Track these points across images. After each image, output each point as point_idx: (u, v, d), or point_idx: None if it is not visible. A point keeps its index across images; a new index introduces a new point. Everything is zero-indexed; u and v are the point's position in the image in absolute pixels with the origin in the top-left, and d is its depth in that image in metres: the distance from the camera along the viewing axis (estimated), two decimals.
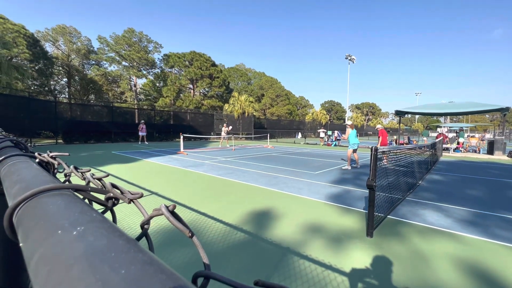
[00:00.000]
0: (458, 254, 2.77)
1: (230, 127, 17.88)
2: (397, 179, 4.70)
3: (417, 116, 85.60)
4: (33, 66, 26.11)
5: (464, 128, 24.77)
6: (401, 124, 20.60)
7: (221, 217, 3.68)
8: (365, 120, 70.52)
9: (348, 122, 9.11)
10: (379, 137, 9.64)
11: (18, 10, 55.11)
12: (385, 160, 4.37)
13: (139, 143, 18.70)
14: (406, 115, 17.16)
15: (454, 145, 16.19)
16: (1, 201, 0.66)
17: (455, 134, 19.85)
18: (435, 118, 79.11)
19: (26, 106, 15.47)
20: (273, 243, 2.94)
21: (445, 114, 18.06)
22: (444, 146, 15.79)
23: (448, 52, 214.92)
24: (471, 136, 21.74)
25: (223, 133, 17.54)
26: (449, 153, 15.21)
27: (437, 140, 12.67)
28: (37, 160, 0.64)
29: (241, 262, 2.52)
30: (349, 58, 42.32)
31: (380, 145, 9.57)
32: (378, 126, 10.13)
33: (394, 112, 17.40)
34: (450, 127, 32.23)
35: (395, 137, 22.79)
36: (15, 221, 0.28)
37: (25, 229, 0.25)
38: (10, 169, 0.50)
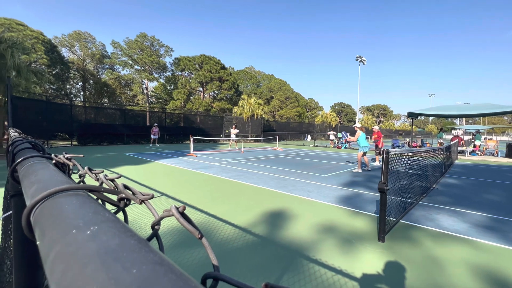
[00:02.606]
0: (474, 261, 2.67)
1: (237, 130, 17.95)
2: (410, 183, 4.58)
3: (430, 118, 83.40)
4: (51, 71, 27.11)
5: (481, 131, 23.92)
6: (414, 126, 20.10)
7: (230, 219, 3.69)
8: (376, 123, 69.19)
9: (358, 125, 8.97)
10: (378, 138, 9.58)
11: (36, 17, 57.58)
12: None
13: (150, 145, 19.02)
14: (419, 117, 16.74)
15: (470, 148, 15.65)
16: (20, 201, 0.69)
17: (471, 137, 19.20)
18: (449, 120, 76.85)
19: (43, 109, 16.06)
20: (283, 246, 2.92)
21: (461, 116, 17.50)
22: (460, 149, 15.29)
23: (463, 52, 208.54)
24: (488, 139, 20.96)
25: (232, 135, 17.61)
26: (464, 156, 14.71)
27: (452, 142, 12.28)
28: (53, 161, 0.66)
29: (250, 264, 2.51)
30: (359, 59, 41.77)
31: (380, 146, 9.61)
32: (375, 127, 10.09)
33: (406, 114, 17.01)
34: (465, 129, 31.21)
35: (407, 139, 22.24)
36: (32, 220, 0.30)
37: (42, 227, 0.26)
38: (28, 170, 0.52)
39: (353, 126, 9.40)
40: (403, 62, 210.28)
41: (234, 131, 17.61)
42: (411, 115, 16.25)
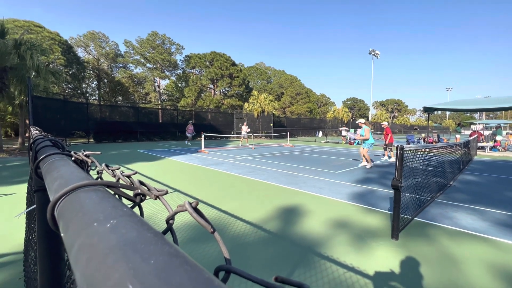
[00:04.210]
0: (494, 260, 2.58)
1: (248, 129, 17.92)
2: (425, 179, 4.46)
3: (448, 113, 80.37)
4: (67, 71, 28.04)
5: (502, 125, 22.83)
6: (430, 121, 19.44)
7: (242, 215, 3.72)
8: (390, 118, 67.38)
9: (362, 120, 8.67)
10: (387, 134, 9.74)
11: (53, 18, 59.57)
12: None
13: (186, 142, 18.74)
14: (435, 112, 16.14)
15: (491, 144, 14.98)
16: (43, 196, 0.72)
17: (491, 131, 18.34)
18: (468, 114, 73.69)
19: (61, 108, 16.68)
20: (294, 242, 2.93)
21: (481, 110, 16.76)
22: (479, 144, 14.68)
23: (484, 44, 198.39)
24: (511, 134, 19.94)
25: (243, 132, 17.65)
26: (484, 152, 14.11)
27: (470, 138, 11.82)
28: (72, 158, 0.69)
29: (261, 260, 2.54)
30: (372, 53, 40.72)
31: (388, 142, 9.74)
32: (384, 123, 10.38)
33: (422, 108, 16.47)
34: (485, 124, 29.92)
35: (423, 135, 21.55)
36: (56, 213, 0.31)
37: (66, 221, 0.27)
38: (50, 166, 0.55)
39: (357, 122, 9.10)
40: (419, 55, 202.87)
41: (245, 128, 17.67)
42: (427, 110, 15.71)
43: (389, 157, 10.28)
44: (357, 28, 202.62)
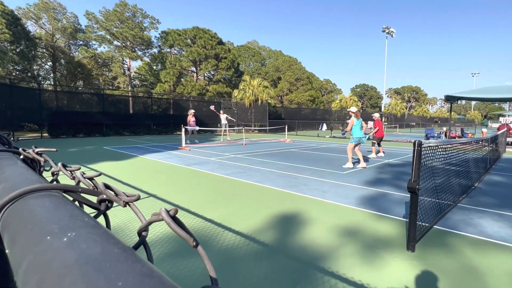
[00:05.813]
0: None
1: (226, 115, 17.91)
2: (446, 181, 4.56)
3: (473, 103, 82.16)
4: (14, 49, 27.19)
5: None
6: (452, 113, 19.83)
7: (231, 224, 3.73)
8: (406, 108, 68.45)
9: (353, 109, 8.46)
10: (376, 127, 10.12)
11: None
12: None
13: (189, 141, 15.87)
14: (458, 101, 16.49)
15: None
16: None
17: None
18: (496, 104, 75.52)
19: (7, 95, 16.20)
20: (293, 256, 2.96)
21: (511, 100, 17.18)
22: (508, 140, 15.09)
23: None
24: None
25: (223, 121, 17.65)
26: None
27: (499, 132, 12.12)
28: (21, 156, 0.67)
29: (253, 277, 2.55)
30: (387, 30, 41.09)
31: (377, 136, 10.40)
32: (376, 114, 10.95)
33: (443, 97, 16.78)
34: None
35: (444, 128, 22.00)
36: (0, 224, 0.30)
37: (11, 233, 0.26)
38: None
39: (348, 110, 9.02)
40: (441, 36, 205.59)
41: (223, 116, 17.72)
42: (449, 99, 16.00)
43: (377, 152, 10.63)
44: (369, 3, 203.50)
